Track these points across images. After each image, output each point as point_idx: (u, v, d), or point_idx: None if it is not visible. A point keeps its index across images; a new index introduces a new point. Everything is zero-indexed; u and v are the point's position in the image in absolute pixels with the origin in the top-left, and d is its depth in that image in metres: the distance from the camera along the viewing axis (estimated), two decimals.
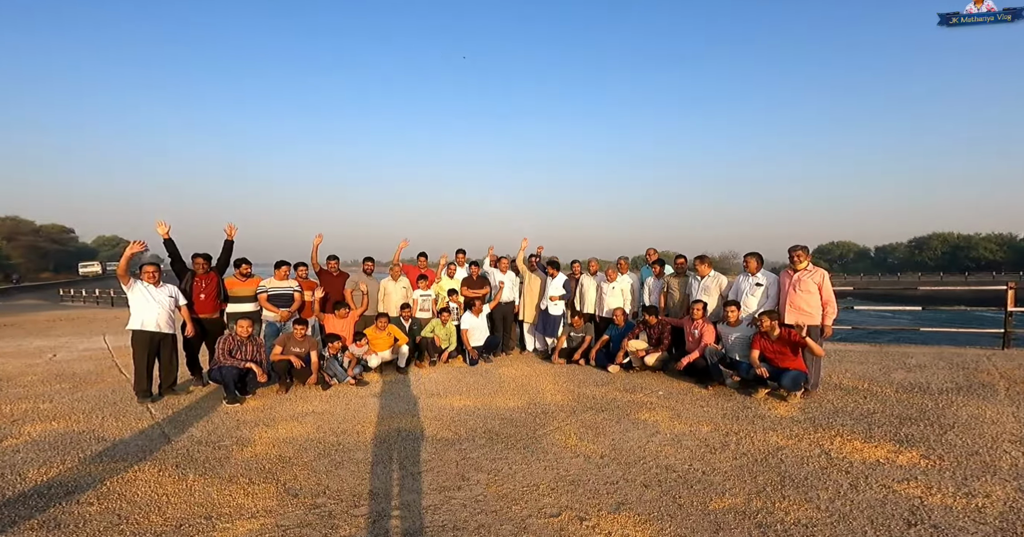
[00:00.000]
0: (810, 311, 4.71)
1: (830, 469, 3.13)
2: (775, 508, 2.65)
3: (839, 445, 3.51)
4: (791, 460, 3.28)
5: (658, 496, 2.84)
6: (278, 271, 5.97)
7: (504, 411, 4.45)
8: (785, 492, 2.84)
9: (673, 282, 6.10)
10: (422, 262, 7.15)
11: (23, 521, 2.44)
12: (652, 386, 5.27)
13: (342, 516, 2.58)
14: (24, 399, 4.78)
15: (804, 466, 3.18)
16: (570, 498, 2.83)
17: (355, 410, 4.48)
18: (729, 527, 2.47)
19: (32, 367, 6.48)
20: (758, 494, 2.83)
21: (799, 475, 3.06)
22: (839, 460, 3.26)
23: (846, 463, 3.21)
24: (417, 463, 3.30)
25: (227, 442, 3.63)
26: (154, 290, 4.85)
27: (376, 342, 6.00)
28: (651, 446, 3.60)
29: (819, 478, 3.00)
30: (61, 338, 9.55)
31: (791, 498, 2.76)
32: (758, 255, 5.31)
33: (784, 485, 2.93)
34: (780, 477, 3.04)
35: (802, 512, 2.59)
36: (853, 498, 2.73)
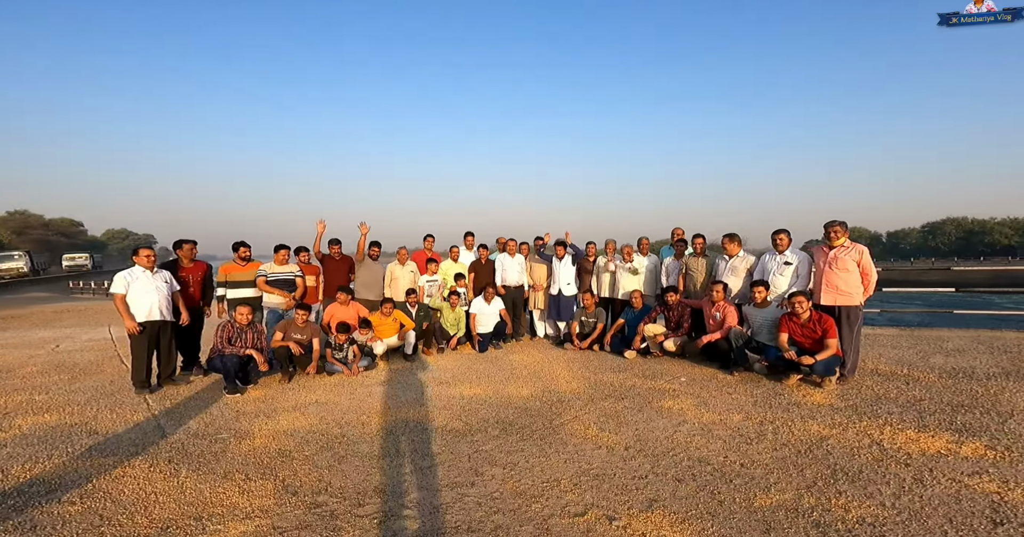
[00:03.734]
0: (848, 291, 4.36)
1: (886, 461, 2.83)
2: (832, 505, 2.36)
3: (890, 435, 3.20)
4: (839, 451, 2.99)
5: (694, 492, 2.56)
6: (277, 255, 5.71)
7: (517, 400, 4.19)
8: (840, 487, 2.55)
9: (694, 263, 5.75)
10: (428, 244, 6.86)
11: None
12: (673, 372, 4.98)
13: (345, 516, 2.33)
14: (20, 391, 4.59)
15: (855, 458, 2.89)
16: (595, 495, 2.56)
17: (360, 400, 4.24)
18: (781, 526, 2.19)
19: (33, 358, 6.32)
20: (808, 489, 2.55)
21: (852, 468, 2.76)
22: (894, 451, 2.95)
23: (903, 455, 2.90)
24: (426, 457, 3.04)
25: (224, 435, 3.40)
26: (151, 276, 4.61)
27: (381, 328, 5.75)
28: (679, 436, 3.32)
29: (876, 471, 2.71)
30: (66, 329, 9.43)
31: (848, 494, 2.47)
32: (788, 232, 4.95)
33: (837, 479, 2.64)
34: (831, 470, 2.75)
35: (865, 509, 2.30)
36: (921, 493, 2.44)
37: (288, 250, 5.83)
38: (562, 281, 6.40)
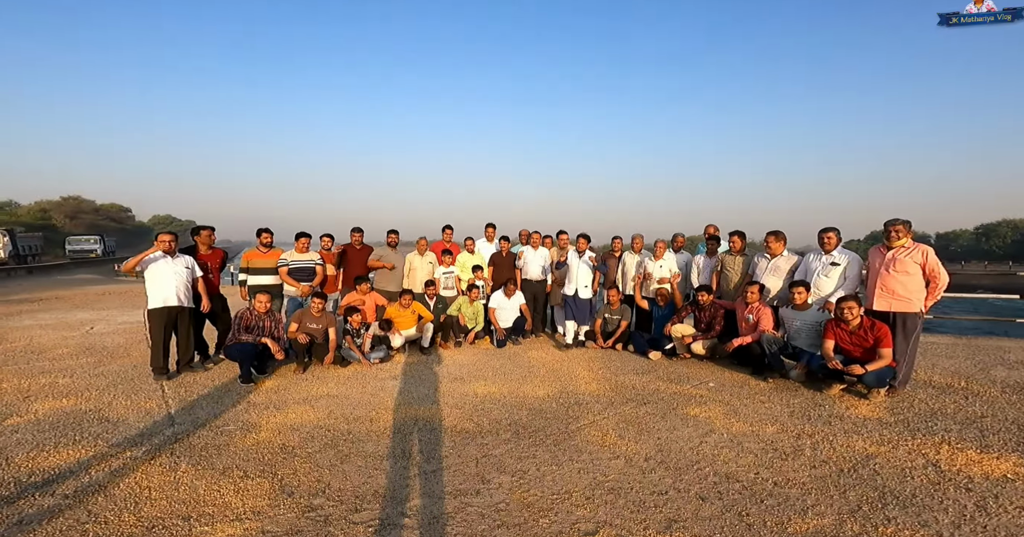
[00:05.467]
0: (907, 296, 3.95)
1: (943, 485, 2.51)
2: (879, 533, 2.08)
3: (948, 455, 2.86)
4: (888, 472, 2.67)
5: (719, 512, 2.32)
6: (298, 243, 5.68)
7: (532, 400, 3.99)
8: (889, 512, 2.26)
9: (730, 261, 5.39)
10: (447, 235, 6.71)
11: None
12: (700, 376, 4.67)
13: (339, 522, 2.19)
14: (46, 373, 4.69)
15: (907, 480, 2.58)
16: (609, 511, 2.34)
17: (371, 394, 4.13)
18: None
19: (67, 339, 6.51)
20: (852, 514, 2.27)
21: (903, 491, 2.46)
22: (952, 474, 2.62)
23: (963, 478, 2.57)
24: (432, 460, 2.89)
25: (231, 427, 3.33)
26: (171, 261, 4.62)
27: (400, 320, 5.65)
28: (705, 448, 3.05)
29: (931, 496, 2.40)
30: (104, 311, 9.74)
31: (899, 521, 2.18)
32: (838, 231, 4.55)
33: (886, 503, 2.34)
34: (878, 493, 2.45)
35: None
36: (985, 523, 2.13)
37: (309, 238, 5.79)
38: (580, 282, 5.96)
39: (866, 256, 4.36)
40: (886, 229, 4.07)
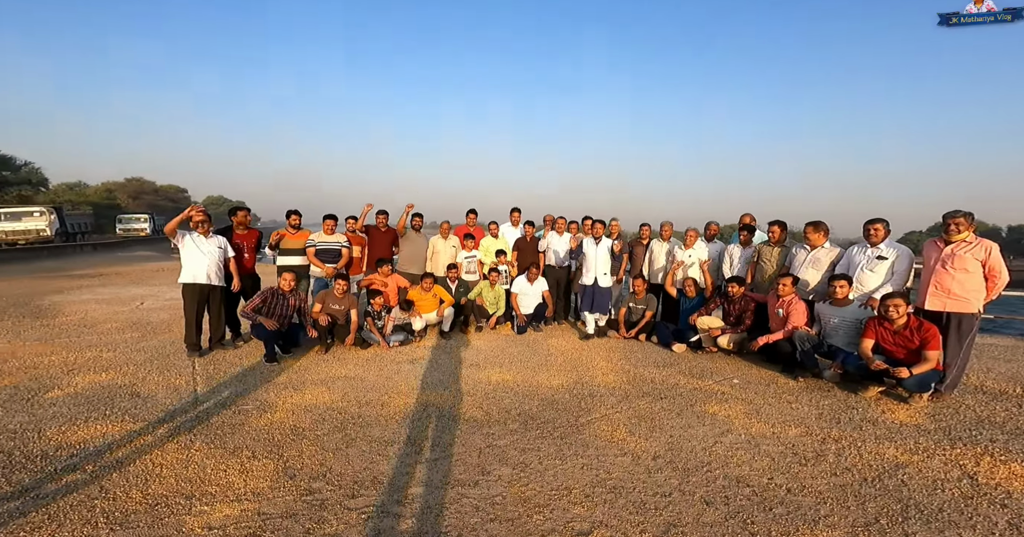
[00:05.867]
0: (964, 295, 3.60)
1: (977, 500, 2.30)
2: None
3: (988, 467, 2.61)
4: (917, 483, 2.47)
5: (723, 519, 2.20)
6: (325, 224, 5.80)
7: (546, 390, 3.94)
8: (909, 527, 2.09)
9: (767, 252, 5.08)
10: (470, 220, 6.66)
11: (9, 485, 2.33)
12: (725, 372, 4.48)
13: (334, 507, 2.23)
14: (92, 347, 5.02)
15: (937, 492, 2.37)
16: (607, 511, 2.27)
17: (387, 378, 4.18)
18: None
19: (117, 314, 6.95)
20: (867, 527, 2.11)
21: (930, 504, 2.27)
22: (990, 488, 2.40)
23: (1000, 493, 2.35)
24: (436, 448, 2.89)
25: (249, 406, 3.46)
26: (204, 241, 4.80)
27: (421, 304, 5.69)
28: (719, 449, 2.92)
29: (960, 511, 2.20)
30: (156, 287, 10.35)
31: (918, 536, 2.00)
32: (886, 222, 4.20)
33: (908, 517, 2.17)
34: (901, 505, 2.27)
35: None
36: None
37: (335, 220, 5.89)
38: (599, 269, 5.72)
39: (920, 250, 4.01)
40: (944, 222, 3.70)
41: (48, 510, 2.12)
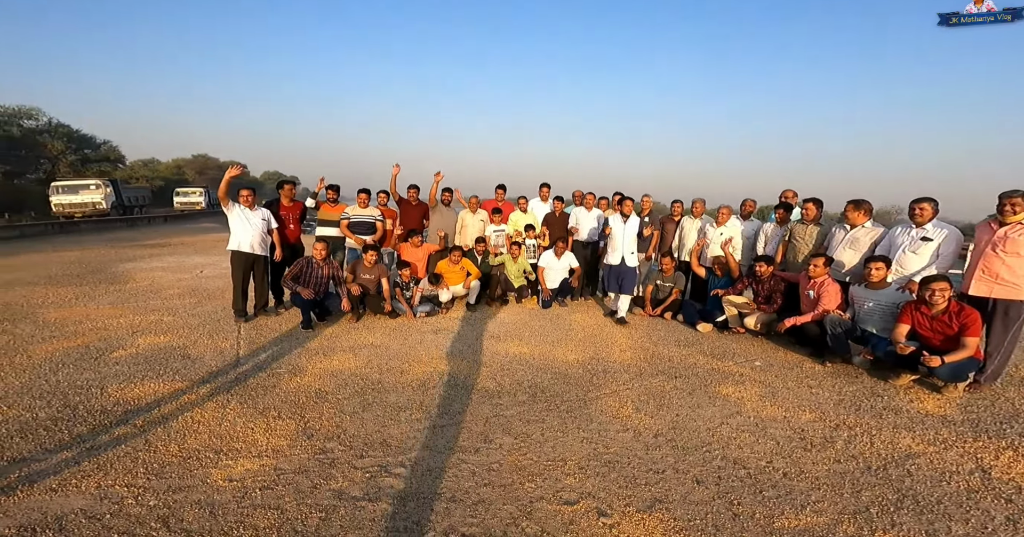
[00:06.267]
0: (1013, 281, 3.34)
1: (982, 493, 2.22)
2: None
3: (1007, 462, 2.49)
4: (925, 474, 2.40)
5: (710, 498, 2.24)
6: (359, 198, 6.04)
7: (561, 364, 4.03)
8: (898, 517, 2.06)
9: (801, 230, 4.83)
10: (499, 195, 6.70)
11: (68, 437, 2.69)
12: (748, 353, 4.38)
13: (342, 466, 2.45)
14: (155, 311, 5.56)
15: (942, 484, 2.30)
16: (597, 483, 2.37)
17: (410, 347, 4.40)
18: None
19: (180, 281, 7.61)
20: (854, 515, 2.09)
21: (930, 496, 2.21)
22: (1000, 482, 2.30)
23: (1010, 488, 2.25)
24: (445, 415, 3.07)
25: (282, 370, 3.77)
26: (249, 213, 5.14)
27: (449, 276, 5.87)
28: (723, 430, 2.92)
29: (960, 503, 2.14)
30: (216, 256, 11.16)
31: (905, 527, 1.98)
32: (935, 202, 3.88)
33: (901, 507, 2.13)
34: (898, 495, 2.22)
35: None
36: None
37: (369, 194, 6.12)
38: (625, 248, 5.39)
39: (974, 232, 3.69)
40: (1001, 202, 3.38)
41: (98, 460, 2.45)
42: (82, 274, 7.97)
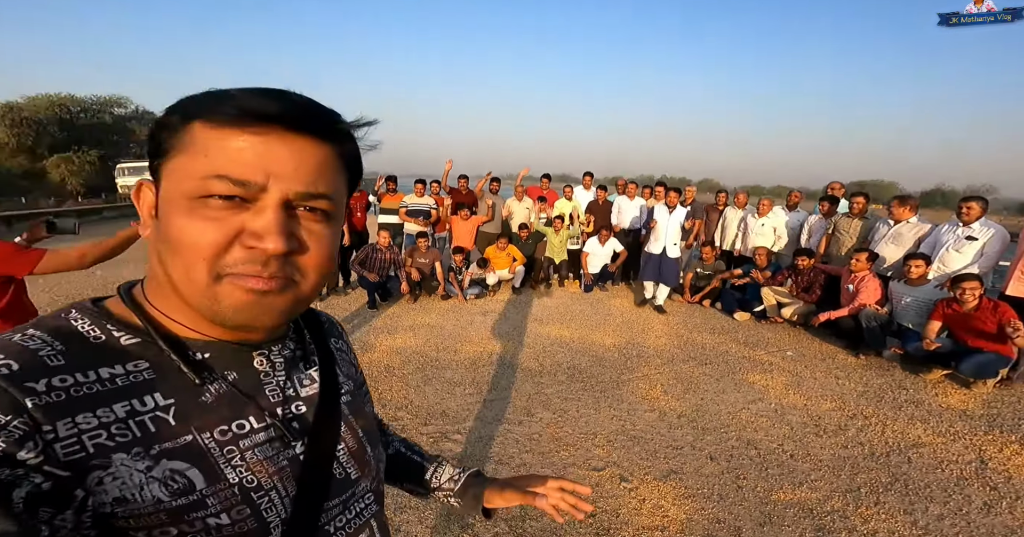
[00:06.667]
0: None
1: (972, 481, 2.45)
2: (853, 513, 2.22)
3: (1009, 455, 2.68)
4: (924, 462, 2.65)
5: (719, 472, 2.60)
6: (415, 188, 6.58)
7: (598, 348, 4.41)
8: (883, 497, 2.35)
9: (845, 224, 4.87)
10: (544, 183, 7.01)
11: None
12: (781, 343, 4.58)
13: (411, 432, 2.99)
14: None
15: (937, 471, 2.55)
16: (622, 454, 2.78)
17: (462, 327, 4.92)
18: (781, 523, 2.18)
19: None
20: (845, 494, 2.39)
21: (920, 481, 2.47)
22: (993, 473, 2.52)
23: (1000, 478, 2.47)
24: (494, 391, 3.55)
25: (356, 346, 4.37)
26: None
27: (496, 261, 6.32)
28: (743, 415, 3.23)
29: (946, 489, 2.39)
30: None
31: (886, 505, 2.27)
32: (985, 201, 3.87)
33: (890, 489, 2.41)
34: (891, 479, 2.50)
35: (887, 524, 2.14)
36: (973, 520, 2.14)
37: (424, 184, 6.66)
38: (668, 239, 5.40)
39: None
40: None
41: None
42: None
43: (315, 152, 0.44)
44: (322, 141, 0.45)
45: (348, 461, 0.56)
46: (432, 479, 0.82)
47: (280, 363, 0.54)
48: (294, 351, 0.56)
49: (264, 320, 0.46)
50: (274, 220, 0.42)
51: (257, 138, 0.42)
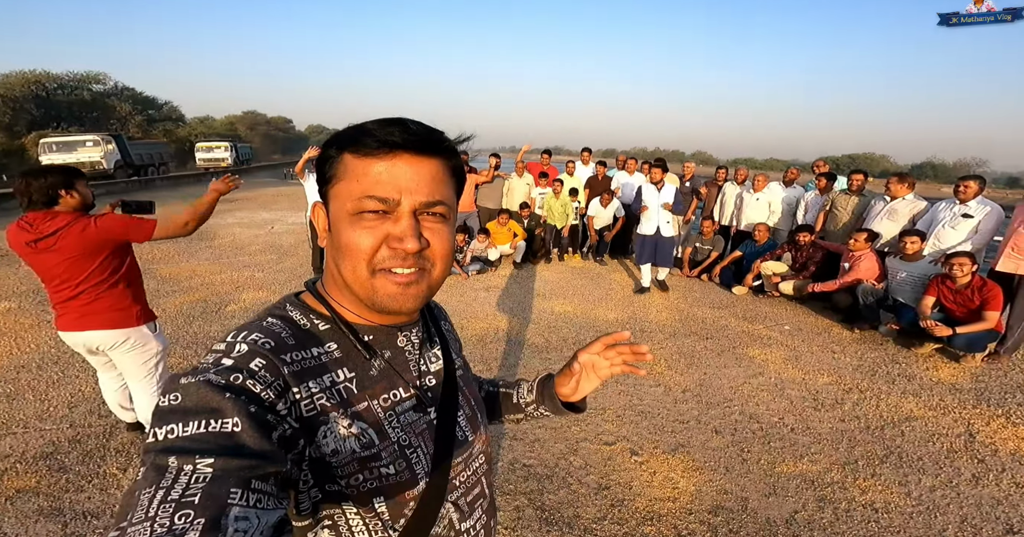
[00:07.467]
0: None
1: (961, 454, 2.61)
2: (852, 485, 2.37)
3: (996, 429, 2.84)
4: (915, 434, 2.80)
5: (725, 446, 2.74)
6: None
7: (601, 323, 4.51)
8: (879, 469, 2.50)
9: (843, 200, 4.93)
10: (545, 159, 6.95)
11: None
12: (779, 317, 4.71)
13: None
14: (247, 267, 6.37)
15: (927, 445, 2.70)
16: (631, 429, 2.90)
17: (466, 304, 4.99)
18: (785, 493, 2.32)
19: (257, 237, 8.45)
20: (844, 466, 2.54)
21: (913, 453, 2.62)
22: (983, 446, 2.67)
23: (987, 450, 2.62)
24: (502, 367, 3.65)
25: None
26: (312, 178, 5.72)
27: (497, 236, 6.35)
28: (745, 389, 3.37)
29: (937, 461, 2.54)
30: (279, 212, 12.04)
31: (883, 477, 2.42)
32: (982, 179, 3.93)
33: (886, 461, 2.56)
34: (886, 451, 2.65)
35: (883, 495, 2.29)
36: (963, 491, 2.29)
37: None
38: (661, 218, 5.08)
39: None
40: None
41: None
42: None
43: (431, 168, 0.56)
44: (434, 158, 0.56)
45: (466, 425, 0.69)
46: (519, 402, 0.92)
47: (416, 343, 0.66)
48: (423, 333, 0.69)
49: (409, 305, 0.57)
50: (408, 226, 0.55)
51: (390, 163, 0.54)
